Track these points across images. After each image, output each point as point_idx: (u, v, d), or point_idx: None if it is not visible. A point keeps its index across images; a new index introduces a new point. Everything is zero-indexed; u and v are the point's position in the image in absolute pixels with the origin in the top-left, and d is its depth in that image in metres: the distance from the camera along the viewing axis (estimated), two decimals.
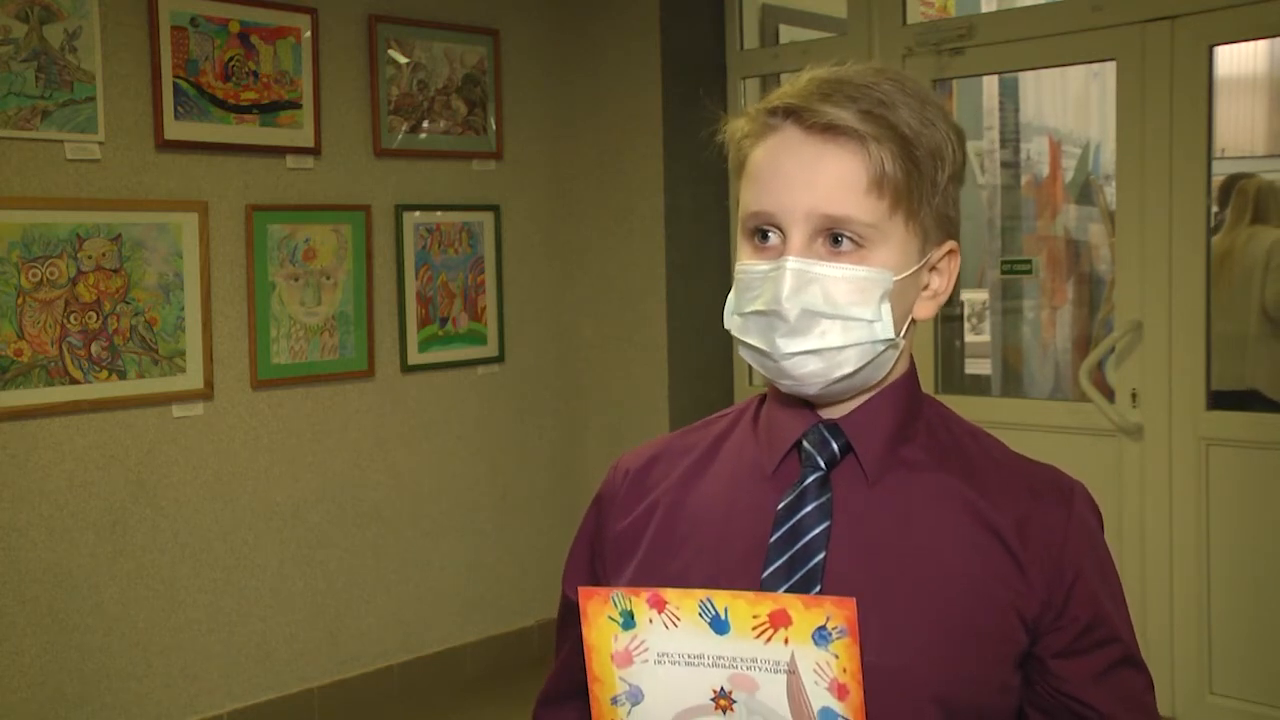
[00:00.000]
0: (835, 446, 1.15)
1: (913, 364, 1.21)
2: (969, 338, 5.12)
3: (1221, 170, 4.26)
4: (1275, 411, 3.83)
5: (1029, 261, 4.61)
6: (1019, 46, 3.83)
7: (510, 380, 4.42)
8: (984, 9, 5.09)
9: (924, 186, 1.10)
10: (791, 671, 0.99)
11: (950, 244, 1.16)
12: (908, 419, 1.17)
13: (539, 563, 4.48)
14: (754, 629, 1.00)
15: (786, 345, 1.09)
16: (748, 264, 1.12)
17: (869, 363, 1.11)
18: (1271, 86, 6.19)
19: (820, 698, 0.99)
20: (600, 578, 1.25)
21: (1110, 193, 4.02)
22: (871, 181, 1.07)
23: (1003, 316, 5.17)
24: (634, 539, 1.22)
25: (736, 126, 1.15)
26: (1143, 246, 3.57)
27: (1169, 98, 3.48)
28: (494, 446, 4.38)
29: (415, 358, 4.14)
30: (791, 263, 1.08)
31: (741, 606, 1.00)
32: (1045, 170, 5.57)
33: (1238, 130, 6.41)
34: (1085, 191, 5.39)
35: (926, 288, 1.16)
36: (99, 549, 3.47)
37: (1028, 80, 5.40)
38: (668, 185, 4.30)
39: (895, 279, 1.10)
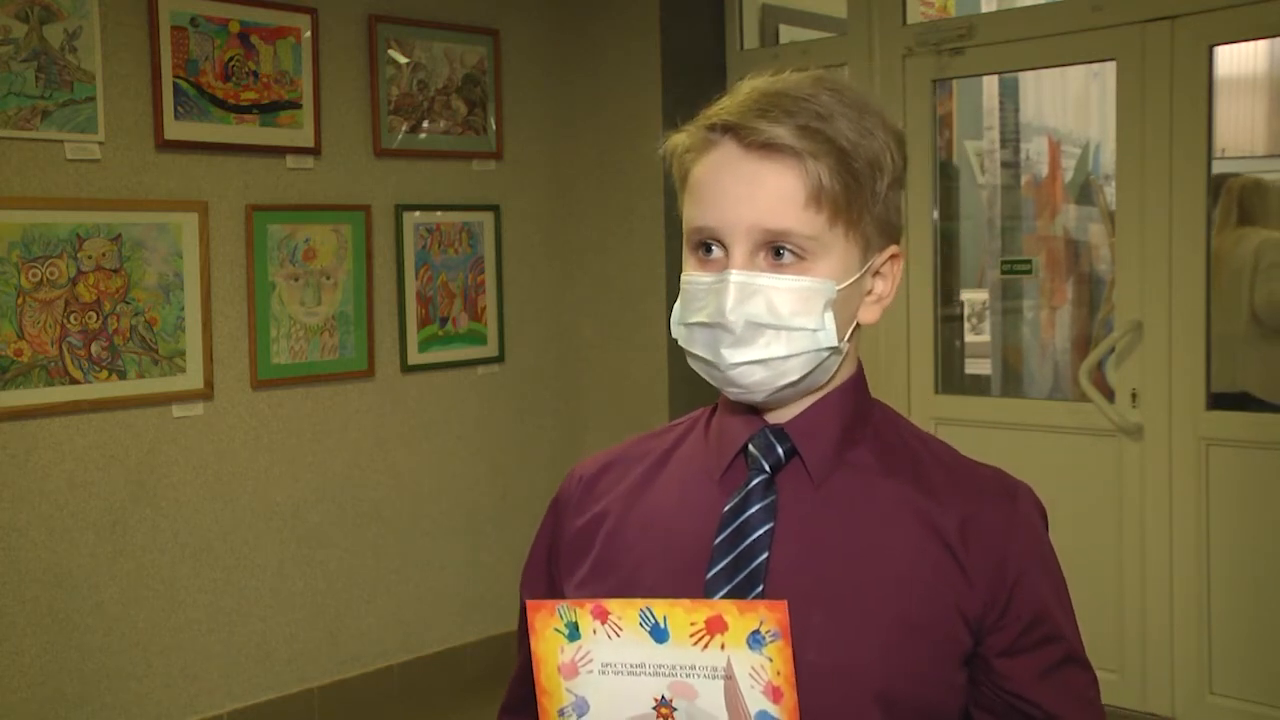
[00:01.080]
0: (780, 450, 1.17)
1: (860, 368, 1.23)
2: (969, 338, 5.12)
3: (1221, 170, 4.25)
4: (1269, 412, 3.82)
5: (1029, 261, 4.61)
6: (1019, 46, 3.83)
7: (510, 380, 4.42)
8: (984, 9, 5.09)
9: (863, 197, 1.11)
10: (728, 677, 1.01)
11: (893, 249, 1.18)
12: (854, 422, 1.19)
13: None
14: (691, 636, 1.01)
15: (732, 356, 1.11)
16: (693, 275, 1.15)
17: (813, 370, 1.13)
18: (1271, 86, 6.19)
19: (756, 701, 1.01)
20: (556, 582, 1.28)
21: (1110, 193, 4.02)
22: (809, 196, 1.09)
23: (1002, 316, 5.17)
24: (586, 543, 1.25)
25: (677, 141, 1.17)
26: (1143, 246, 3.57)
27: (1169, 98, 3.48)
28: (494, 446, 4.38)
29: (415, 358, 4.14)
30: (735, 275, 1.10)
31: (679, 614, 1.01)
32: (1045, 170, 5.57)
33: (1238, 130, 6.41)
34: (1085, 191, 5.39)
35: (870, 292, 1.18)
36: (99, 549, 3.47)
37: (1028, 80, 5.40)
38: (668, 185, 4.27)
39: (838, 288, 1.12)
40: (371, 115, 4.01)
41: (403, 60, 4.08)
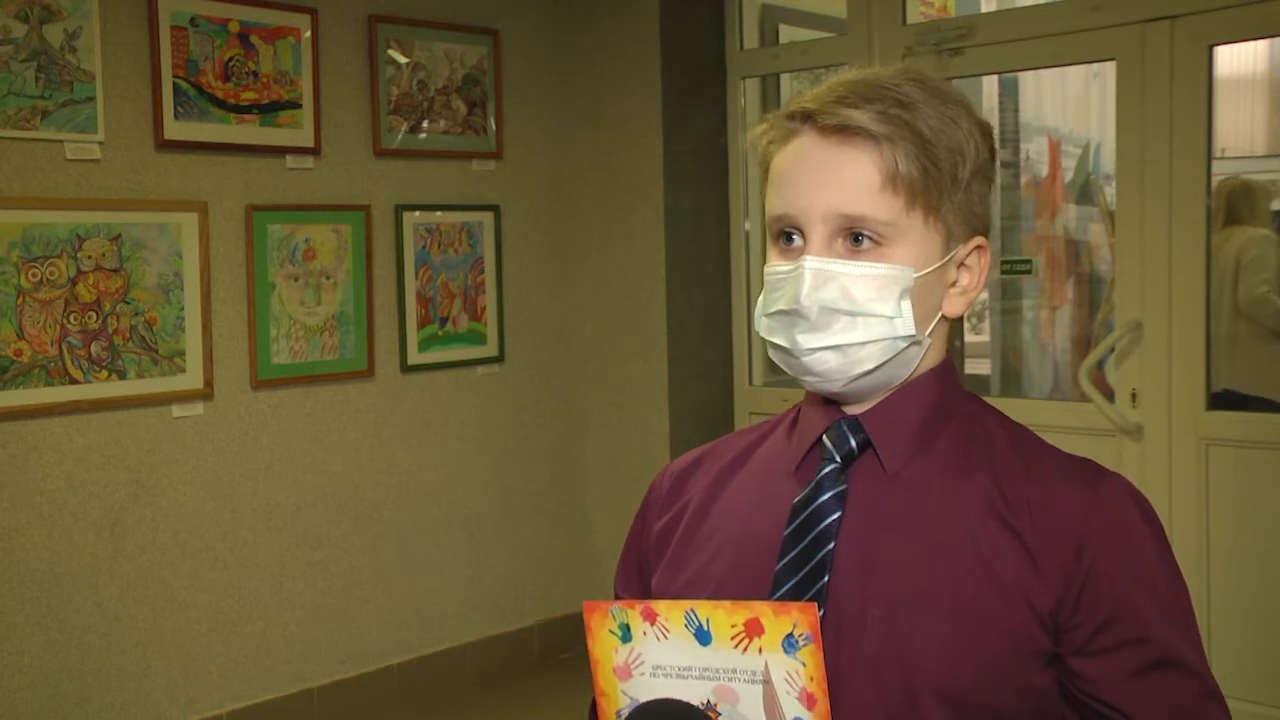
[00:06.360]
0: (854, 441, 1.16)
1: (948, 360, 1.20)
2: (969, 338, 5.12)
3: (1221, 170, 4.25)
4: (1264, 410, 3.82)
5: (1029, 261, 4.61)
6: (1019, 46, 3.83)
7: (510, 380, 4.42)
8: (984, 9, 5.09)
9: (944, 183, 1.11)
10: (765, 681, 1.00)
11: (978, 240, 1.17)
12: (936, 414, 1.16)
13: (539, 563, 4.48)
14: (732, 639, 1.01)
15: (806, 341, 1.11)
16: (772, 265, 1.15)
17: (890, 359, 1.12)
18: (1271, 86, 6.20)
19: (792, 708, 1.00)
20: (646, 576, 1.29)
21: (1110, 193, 4.02)
22: (885, 180, 1.09)
23: (1002, 316, 5.17)
24: (667, 536, 1.26)
25: (759, 132, 1.17)
26: (1143, 246, 3.57)
27: (1169, 98, 3.48)
28: (494, 446, 4.38)
29: (415, 358, 4.14)
30: (810, 262, 1.10)
31: (721, 616, 1.01)
32: (1045, 170, 5.57)
33: (1238, 130, 6.41)
34: (1085, 191, 5.39)
35: (955, 284, 1.17)
36: (99, 549, 3.47)
37: (1028, 80, 5.40)
38: (668, 185, 4.30)
39: (916, 275, 1.11)
40: (371, 115, 4.00)
41: (403, 60, 4.08)
